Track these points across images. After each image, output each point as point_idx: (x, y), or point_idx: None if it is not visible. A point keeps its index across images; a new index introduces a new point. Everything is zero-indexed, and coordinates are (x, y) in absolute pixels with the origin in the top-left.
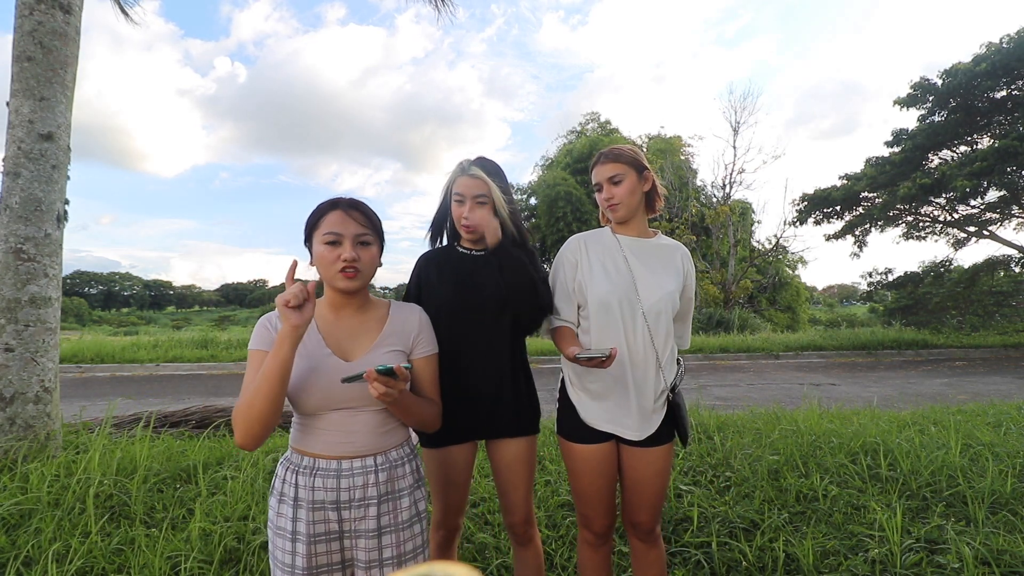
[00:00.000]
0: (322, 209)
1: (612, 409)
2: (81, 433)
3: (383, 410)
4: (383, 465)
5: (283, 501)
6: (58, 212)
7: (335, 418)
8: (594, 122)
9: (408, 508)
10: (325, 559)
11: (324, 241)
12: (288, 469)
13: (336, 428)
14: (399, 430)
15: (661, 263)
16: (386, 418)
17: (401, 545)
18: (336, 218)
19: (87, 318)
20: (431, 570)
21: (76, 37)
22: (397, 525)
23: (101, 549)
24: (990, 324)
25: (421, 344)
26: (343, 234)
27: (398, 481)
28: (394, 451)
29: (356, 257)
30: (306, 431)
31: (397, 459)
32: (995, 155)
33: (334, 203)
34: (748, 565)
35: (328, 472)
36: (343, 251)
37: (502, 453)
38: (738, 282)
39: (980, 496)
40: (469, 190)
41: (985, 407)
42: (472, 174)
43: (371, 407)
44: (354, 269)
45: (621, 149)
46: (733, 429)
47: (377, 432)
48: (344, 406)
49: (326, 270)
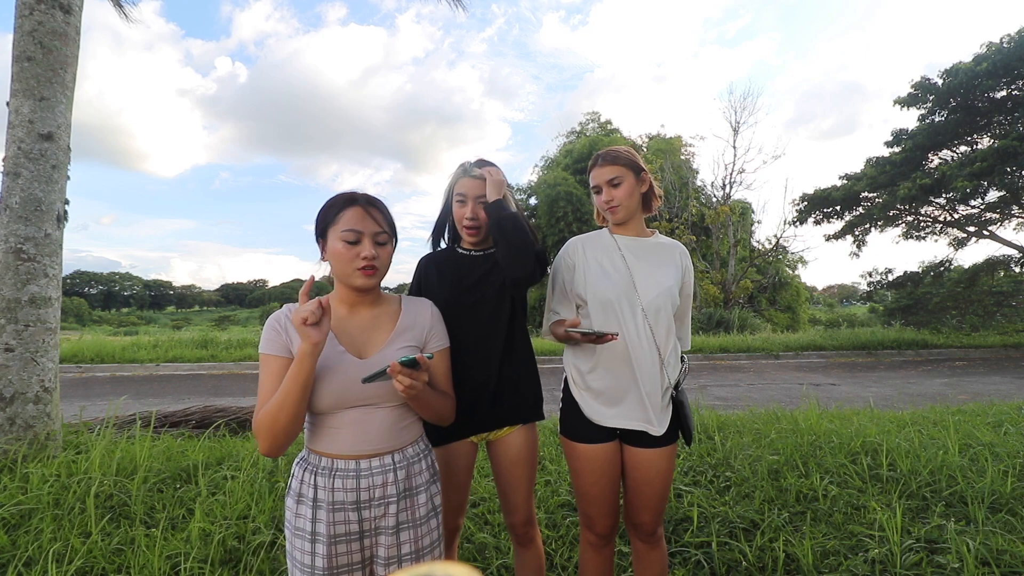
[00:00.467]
0: (339, 204)
1: (633, 406)
2: (81, 433)
3: (400, 406)
4: (401, 463)
5: (301, 502)
6: (58, 212)
7: (351, 417)
8: (594, 122)
9: (425, 504)
10: (346, 559)
11: (343, 238)
12: (306, 470)
13: (352, 427)
14: (415, 426)
15: (659, 261)
16: (403, 414)
17: (419, 540)
18: (356, 215)
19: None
20: (431, 570)
21: (76, 37)
22: (415, 521)
23: (101, 549)
24: (990, 324)
25: (434, 338)
26: (363, 232)
27: (415, 477)
28: (411, 447)
29: (376, 255)
30: (321, 430)
31: (414, 455)
32: (995, 155)
33: (352, 199)
34: (748, 565)
35: (347, 473)
36: (363, 249)
37: (503, 451)
38: (738, 282)
39: (980, 496)
40: (472, 190)
41: (985, 407)
42: (475, 175)
43: (388, 404)
44: (373, 268)
45: (618, 151)
46: (733, 429)
47: (394, 429)
48: (360, 404)
49: (343, 267)
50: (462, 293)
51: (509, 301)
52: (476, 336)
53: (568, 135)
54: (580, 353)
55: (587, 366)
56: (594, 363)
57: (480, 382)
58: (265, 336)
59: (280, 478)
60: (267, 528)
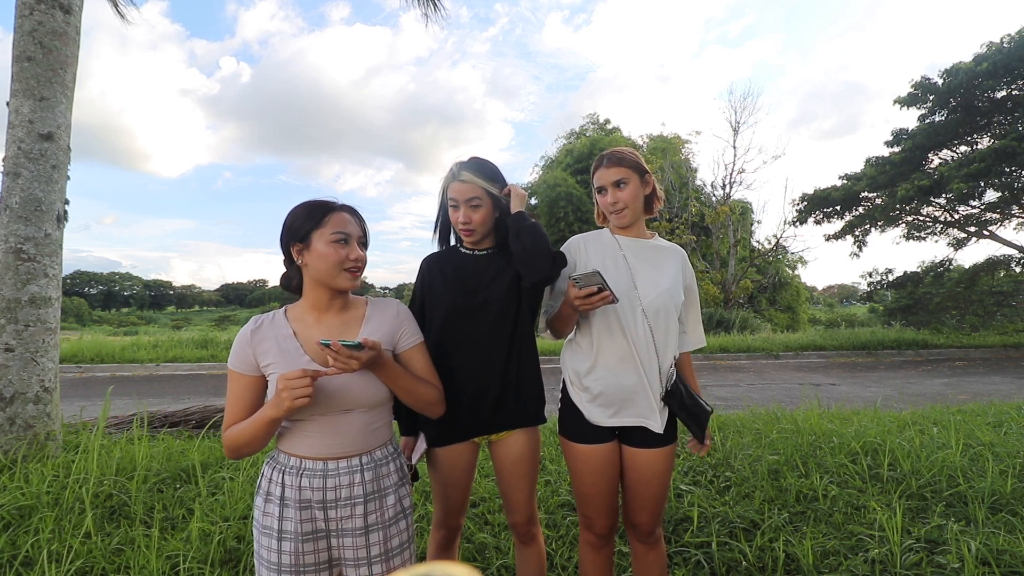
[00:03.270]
0: (324, 208)
1: (635, 404)
2: (81, 433)
3: (369, 411)
4: (368, 464)
5: (269, 500)
6: (58, 212)
7: (321, 421)
8: (594, 123)
9: (394, 505)
10: (312, 558)
11: (332, 240)
12: (275, 469)
13: (323, 430)
14: (384, 429)
15: (659, 263)
16: (372, 418)
17: (388, 541)
18: (343, 219)
19: (87, 318)
20: (431, 570)
21: (76, 37)
22: (383, 523)
23: (101, 549)
24: (990, 324)
25: (406, 336)
26: (351, 235)
27: (383, 479)
28: (379, 450)
29: (363, 257)
30: (292, 432)
31: (382, 458)
32: (993, 156)
33: (336, 205)
34: (748, 565)
35: (315, 472)
36: (352, 251)
37: (505, 451)
38: (738, 282)
39: (980, 496)
40: (461, 195)
41: (985, 407)
42: (462, 179)
43: (359, 408)
44: (359, 269)
45: (623, 152)
46: (733, 429)
47: (363, 432)
48: (330, 411)
49: (330, 269)
50: (466, 295)
51: (515, 303)
52: (479, 338)
53: (568, 135)
54: (578, 355)
55: (585, 367)
56: (592, 364)
57: (483, 385)
58: (234, 350)
59: None
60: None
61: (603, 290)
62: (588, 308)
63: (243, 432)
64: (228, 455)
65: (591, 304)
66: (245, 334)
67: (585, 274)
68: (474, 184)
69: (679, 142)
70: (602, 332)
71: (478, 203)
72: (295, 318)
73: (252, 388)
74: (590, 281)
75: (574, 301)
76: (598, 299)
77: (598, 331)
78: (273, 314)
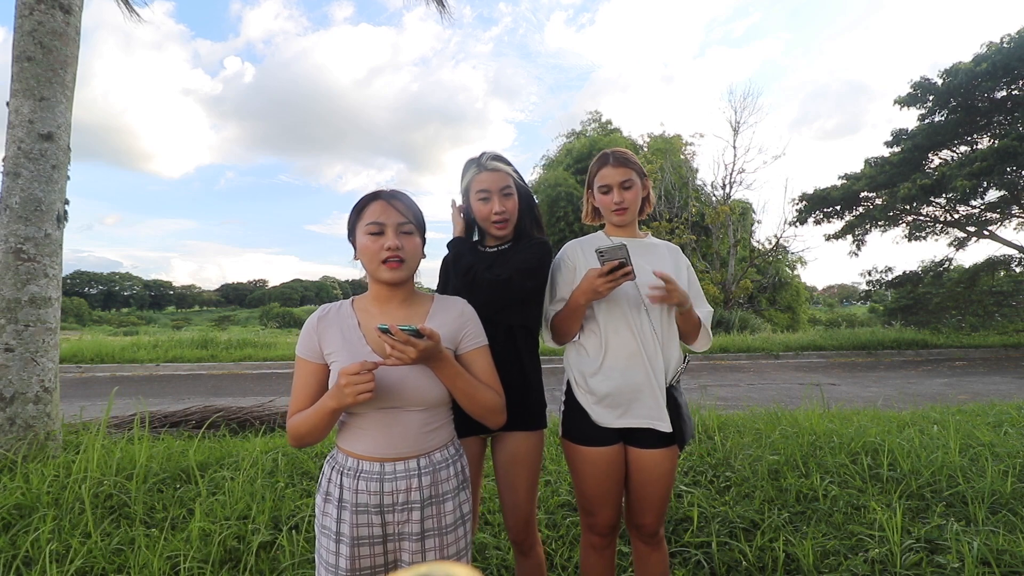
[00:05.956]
0: (364, 201)
1: (644, 404)
2: (81, 433)
3: (427, 410)
4: (426, 468)
5: (328, 501)
6: (58, 212)
7: (377, 418)
8: (595, 122)
9: (452, 512)
10: (368, 562)
11: (367, 232)
12: (334, 469)
13: (378, 428)
14: (443, 430)
15: (656, 260)
16: (430, 418)
17: (445, 549)
18: (378, 208)
19: (87, 318)
20: (431, 570)
21: (76, 37)
22: (441, 529)
23: (101, 549)
24: (990, 324)
25: (468, 337)
26: (386, 223)
27: (442, 484)
28: (438, 452)
29: (399, 245)
30: (350, 428)
31: (441, 461)
32: (995, 155)
33: (375, 194)
34: (748, 565)
35: (371, 475)
36: (386, 240)
37: (505, 449)
38: (738, 282)
39: (980, 496)
40: (495, 184)
41: (985, 407)
42: (492, 168)
43: (415, 407)
44: (398, 259)
45: (627, 154)
46: (733, 429)
47: (420, 433)
48: (387, 405)
49: (370, 261)
50: (472, 289)
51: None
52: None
53: (568, 135)
54: (584, 356)
55: (591, 368)
56: (599, 365)
57: None
58: (302, 339)
59: (280, 478)
60: (267, 528)
61: (624, 264)
62: (609, 288)
63: (306, 420)
64: (291, 443)
65: (613, 281)
66: (312, 321)
67: (611, 247)
68: (505, 172)
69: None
70: (610, 331)
71: (510, 191)
72: (361, 309)
73: (317, 375)
74: (615, 255)
75: (595, 282)
76: (620, 274)
77: (606, 330)
78: (340, 303)
